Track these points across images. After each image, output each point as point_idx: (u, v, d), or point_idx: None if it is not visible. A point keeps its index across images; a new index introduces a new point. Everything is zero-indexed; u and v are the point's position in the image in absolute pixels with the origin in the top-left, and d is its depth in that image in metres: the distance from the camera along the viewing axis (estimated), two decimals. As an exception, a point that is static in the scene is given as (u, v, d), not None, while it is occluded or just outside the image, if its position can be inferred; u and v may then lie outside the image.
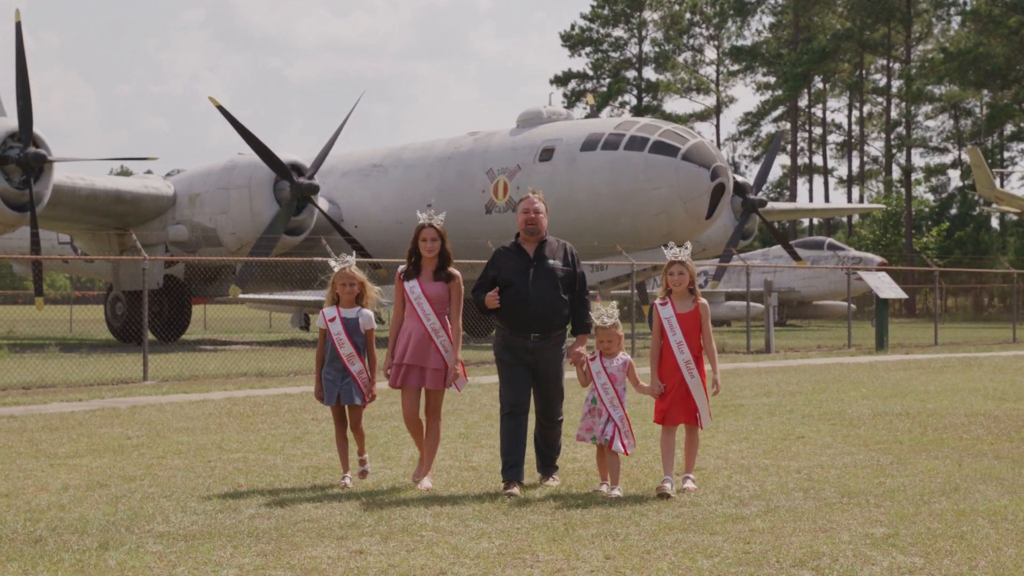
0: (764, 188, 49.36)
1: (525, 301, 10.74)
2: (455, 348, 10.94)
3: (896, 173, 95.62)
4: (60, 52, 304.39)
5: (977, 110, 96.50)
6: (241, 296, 41.10)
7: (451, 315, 10.99)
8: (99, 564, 7.69)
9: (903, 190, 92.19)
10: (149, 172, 45.68)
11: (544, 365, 10.89)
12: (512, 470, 10.63)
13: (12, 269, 61.37)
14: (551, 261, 10.87)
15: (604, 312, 10.72)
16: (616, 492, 10.27)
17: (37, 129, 32.12)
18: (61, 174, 34.94)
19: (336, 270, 11.19)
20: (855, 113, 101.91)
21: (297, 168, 37.45)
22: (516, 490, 10.36)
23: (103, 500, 10.07)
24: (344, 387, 10.98)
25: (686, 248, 10.82)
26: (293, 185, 36.71)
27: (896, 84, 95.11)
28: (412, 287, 10.94)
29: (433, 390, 10.99)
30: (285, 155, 37.13)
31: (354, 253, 11.79)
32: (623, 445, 10.47)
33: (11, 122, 32.57)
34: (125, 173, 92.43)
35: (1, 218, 32.30)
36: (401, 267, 11.15)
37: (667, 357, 10.65)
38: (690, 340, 10.59)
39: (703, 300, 10.79)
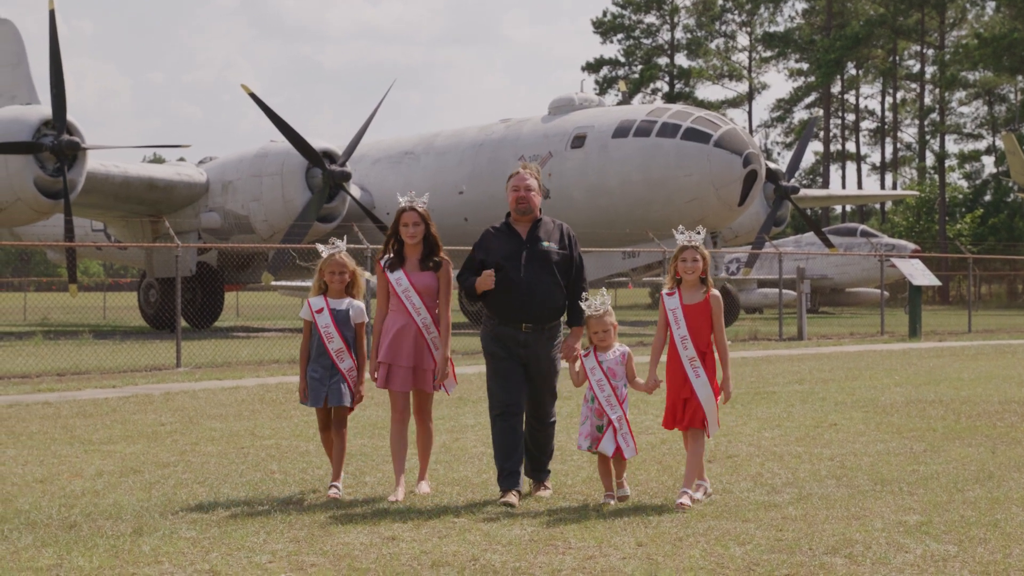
0: (797, 175, 49.12)
1: (516, 287, 9.70)
2: (444, 344, 9.96)
3: (930, 159, 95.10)
4: (93, 40, 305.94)
5: (1012, 96, 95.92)
6: (273, 283, 41.21)
7: (440, 306, 10.00)
8: (133, 550, 7.73)
9: (937, 177, 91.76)
10: (182, 160, 45.81)
11: (536, 360, 9.79)
12: (509, 479, 9.61)
13: (46, 256, 61.66)
14: (545, 243, 9.84)
15: (594, 300, 9.74)
16: (625, 491, 9.43)
17: (71, 117, 32.22)
18: (95, 162, 35.08)
19: (324, 256, 10.20)
20: (888, 99, 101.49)
21: (329, 155, 37.47)
22: (514, 499, 9.37)
23: (137, 486, 10.12)
24: (332, 387, 9.95)
25: (699, 232, 9.71)
26: (325, 172, 36.72)
27: (930, 70, 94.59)
28: (399, 279, 9.87)
29: (425, 392, 10.01)
30: (317, 142, 37.15)
31: (345, 238, 10.63)
32: (617, 447, 9.40)
33: (45, 110, 32.69)
34: (158, 161, 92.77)
35: (35, 205, 32.43)
36: (384, 258, 10.07)
37: (673, 355, 9.54)
38: (697, 336, 9.47)
39: (715, 291, 9.64)
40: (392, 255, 10.01)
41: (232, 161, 39.13)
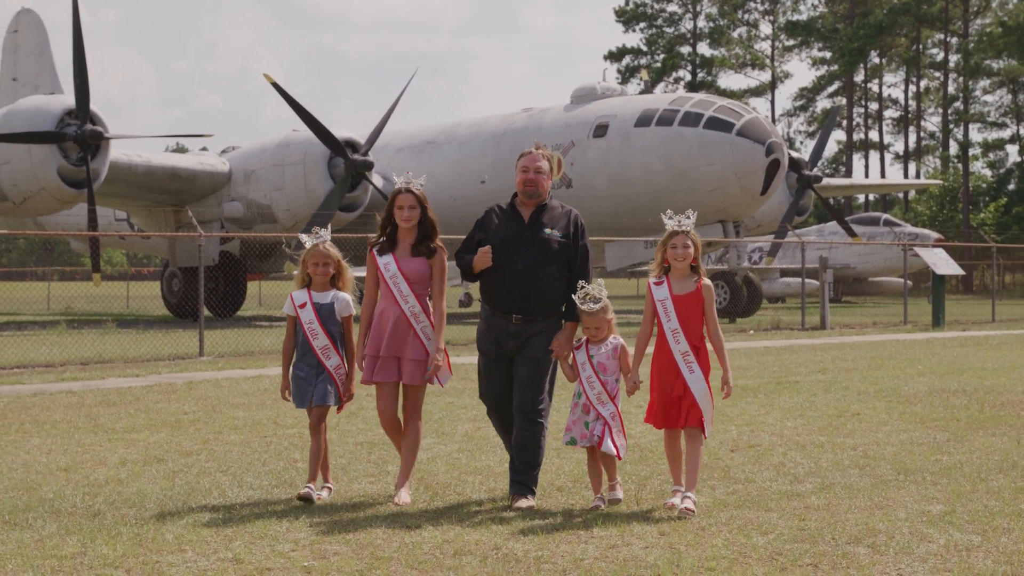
0: (819, 164, 48.97)
1: (508, 274, 9.09)
2: (438, 335, 9.25)
3: (953, 148, 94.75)
4: (116, 29, 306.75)
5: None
6: (296, 272, 41.32)
7: (433, 295, 9.32)
8: (156, 538, 7.76)
9: (960, 165, 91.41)
10: (204, 149, 46.01)
11: (524, 348, 9.15)
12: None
13: (70, 246, 61.84)
14: (548, 230, 9.14)
15: (590, 292, 8.96)
16: (617, 494, 8.85)
17: (94, 106, 32.30)
18: (117, 151, 35.15)
19: (307, 246, 9.59)
20: (912, 88, 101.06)
21: (351, 144, 37.51)
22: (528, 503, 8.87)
23: (160, 475, 10.15)
24: (319, 386, 9.36)
25: (689, 217, 9.00)
26: (347, 162, 36.75)
27: (954, 58, 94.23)
28: (387, 264, 9.26)
29: (412, 385, 9.29)
30: (339, 131, 37.19)
31: (329, 227, 9.97)
32: (615, 446, 8.86)
33: (68, 99, 32.77)
34: (181, 150, 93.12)
35: (59, 195, 32.53)
36: (373, 240, 9.51)
37: (662, 349, 8.90)
38: (688, 328, 8.81)
39: (707, 280, 8.97)
40: (384, 239, 9.42)
41: (255, 151, 39.19)
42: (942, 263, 37.34)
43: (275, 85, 35.89)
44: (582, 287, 9.00)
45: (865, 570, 6.92)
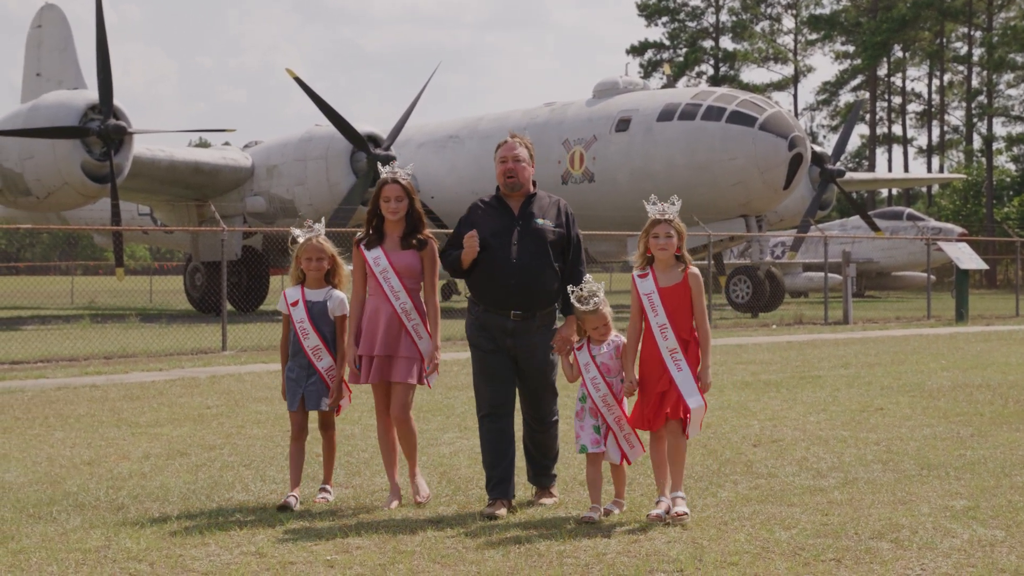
0: (842, 158, 48.90)
1: (504, 269, 8.61)
2: (434, 333, 8.94)
3: (977, 142, 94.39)
4: (141, 25, 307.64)
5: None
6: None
7: (426, 290, 8.96)
8: (180, 531, 7.78)
9: (984, 160, 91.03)
10: (227, 144, 46.03)
11: (528, 352, 8.72)
12: (499, 487, 8.59)
13: (93, 240, 62.07)
14: (539, 220, 8.72)
15: (588, 292, 8.49)
16: (614, 508, 8.45)
17: (117, 101, 32.36)
18: (141, 146, 35.23)
19: (300, 240, 9.17)
20: (935, 82, 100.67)
21: (373, 139, 37.56)
22: (502, 511, 8.37)
23: (183, 468, 10.18)
24: (310, 388, 8.99)
25: (673, 204, 8.44)
26: (370, 156, 36.80)
27: (977, 52, 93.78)
28: (376, 258, 8.87)
29: (402, 383, 8.88)
30: (361, 126, 37.24)
31: (323, 220, 9.70)
32: (622, 453, 8.50)
33: (91, 94, 32.84)
34: (203, 145, 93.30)
35: (83, 189, 32.62)
36: (359, 234, 9.12)
37: (648, 346, 8.41)
38: (677, 322, 8.30)
39: (694, 269, 8.44)
40: (371, 232, 9.04)
41: (277, 145, 39.28)
42: (966, 257, 37.20)
43: (297, 80, 35.96)
44: (572, 290, 8.54)
45: (888, 565, 6.90)
